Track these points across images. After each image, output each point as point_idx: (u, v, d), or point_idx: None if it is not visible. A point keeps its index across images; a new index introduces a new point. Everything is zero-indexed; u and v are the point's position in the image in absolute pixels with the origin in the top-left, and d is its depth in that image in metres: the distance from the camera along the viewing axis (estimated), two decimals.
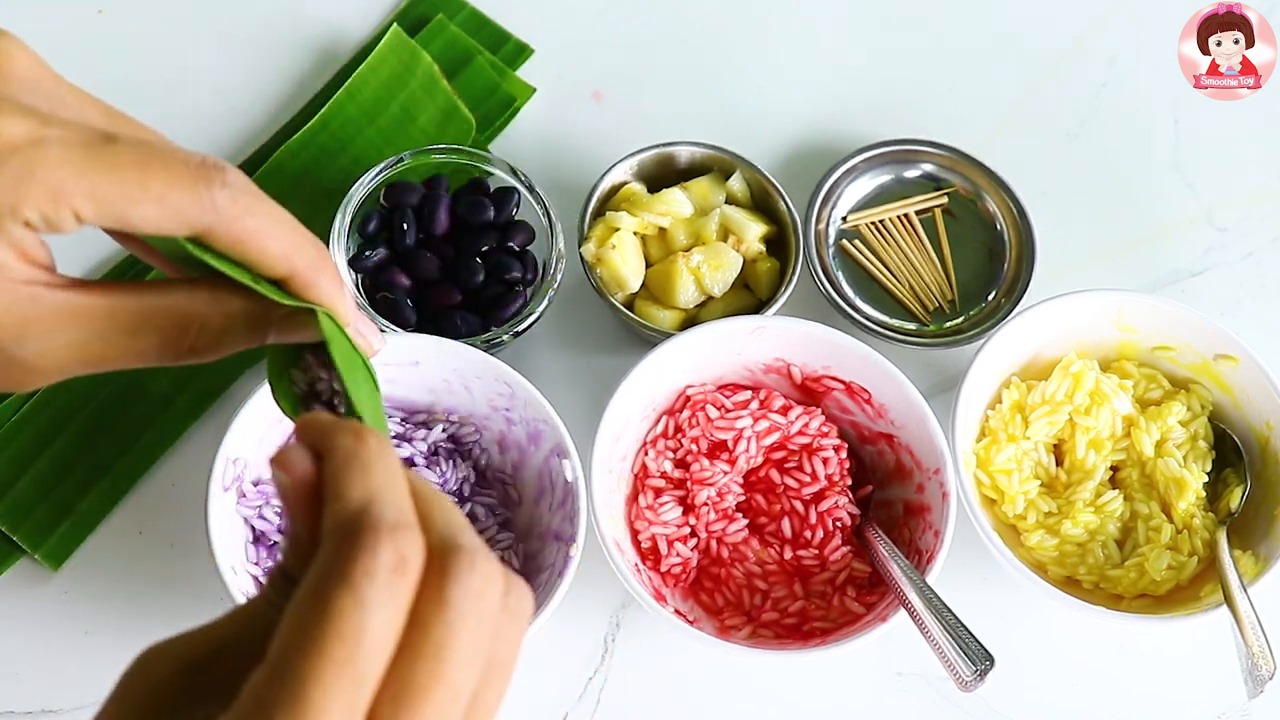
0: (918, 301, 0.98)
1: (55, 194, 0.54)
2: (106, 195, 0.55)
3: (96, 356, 0.56)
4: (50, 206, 0.55)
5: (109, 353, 0.56)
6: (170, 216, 0.56)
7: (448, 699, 0.43)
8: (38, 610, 0.84)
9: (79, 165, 0.55)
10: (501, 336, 0.88)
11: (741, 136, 1.00)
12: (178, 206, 0.56)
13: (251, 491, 0.81)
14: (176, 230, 0.56)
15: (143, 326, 0.57)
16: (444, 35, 1.02)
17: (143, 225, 0.56)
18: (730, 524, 0.87)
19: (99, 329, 0.56)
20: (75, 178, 0.54)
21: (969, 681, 0.77)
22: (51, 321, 0.56)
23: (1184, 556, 0.88)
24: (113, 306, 0.57)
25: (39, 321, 0.55)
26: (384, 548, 0.42)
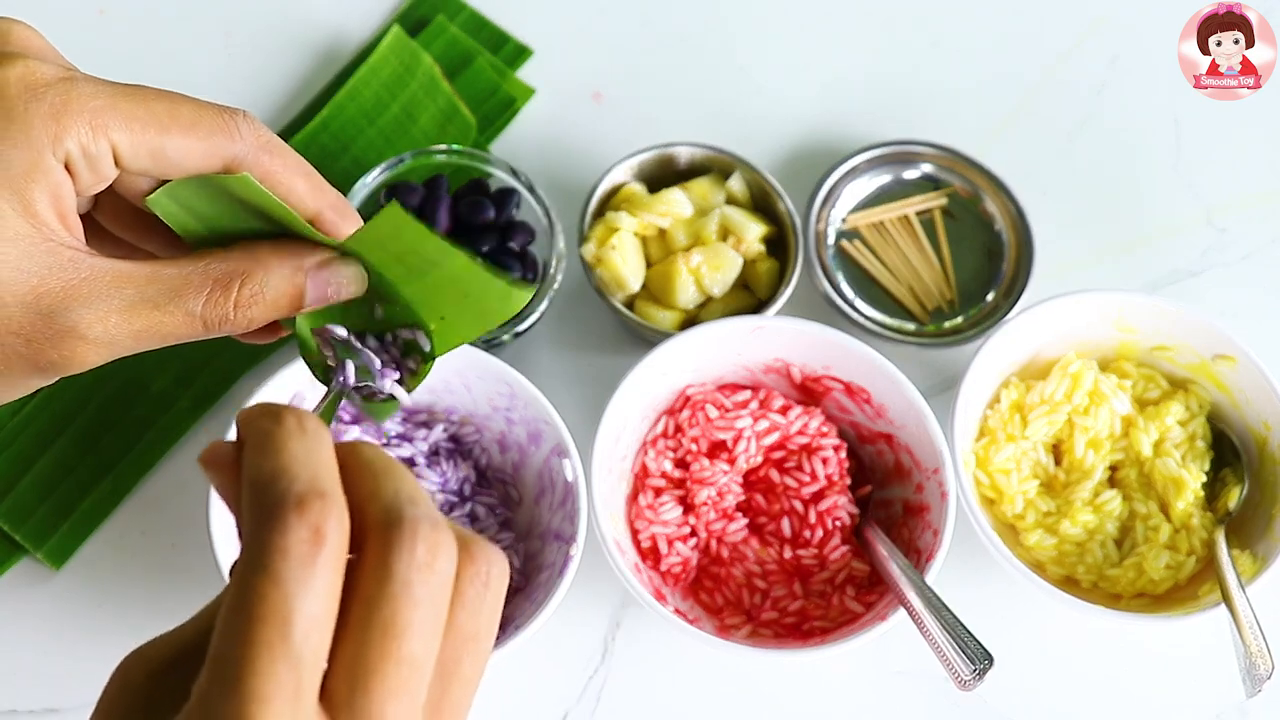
0: (917, 301, 0.98)
1: (92, 122, 0.56)
2: (141, 122, 0.57)
3: (144, 323, 0.57)
4: (88, 136, 0.56)
5: (156, 318, 0.57)
6: (201, 145, 0.58)
7: (407, 673, 0.42)
8: (39, 610, 0.84)
9: (111, 96, 0.57)
10: (501, 337, 0.88)
11: (741, 137, 1.00)
12: (208, 132, 0.58)
13: None
14: (208, 161, 0.59)
15: (186, 285, 0.57)
16: (444, 36, 1.02)
17: (176, 156, 0.58)
18: (730, 524, 0.87)
19: (144, 292, 0.57)
20: (109, 108, 0.56)
21: (968, 681, 0.77)
22: (96, 285, 0.56)
23: (1182, 556, 0.88)
24: (155, 270, 0.58)
25: (83, 285, 0.56)
26: (293, 522, 0.41)
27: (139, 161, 0.58)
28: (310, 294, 0.60)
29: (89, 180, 0.58)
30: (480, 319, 0.62)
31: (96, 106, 0.56)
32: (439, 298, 0.61)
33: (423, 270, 0.60)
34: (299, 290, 0.59)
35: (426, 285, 0.61)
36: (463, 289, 0.60)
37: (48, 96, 0.56)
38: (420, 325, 0.63)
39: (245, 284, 0.58)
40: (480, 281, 0.60)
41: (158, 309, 0.57)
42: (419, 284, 0.61)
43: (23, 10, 1.03)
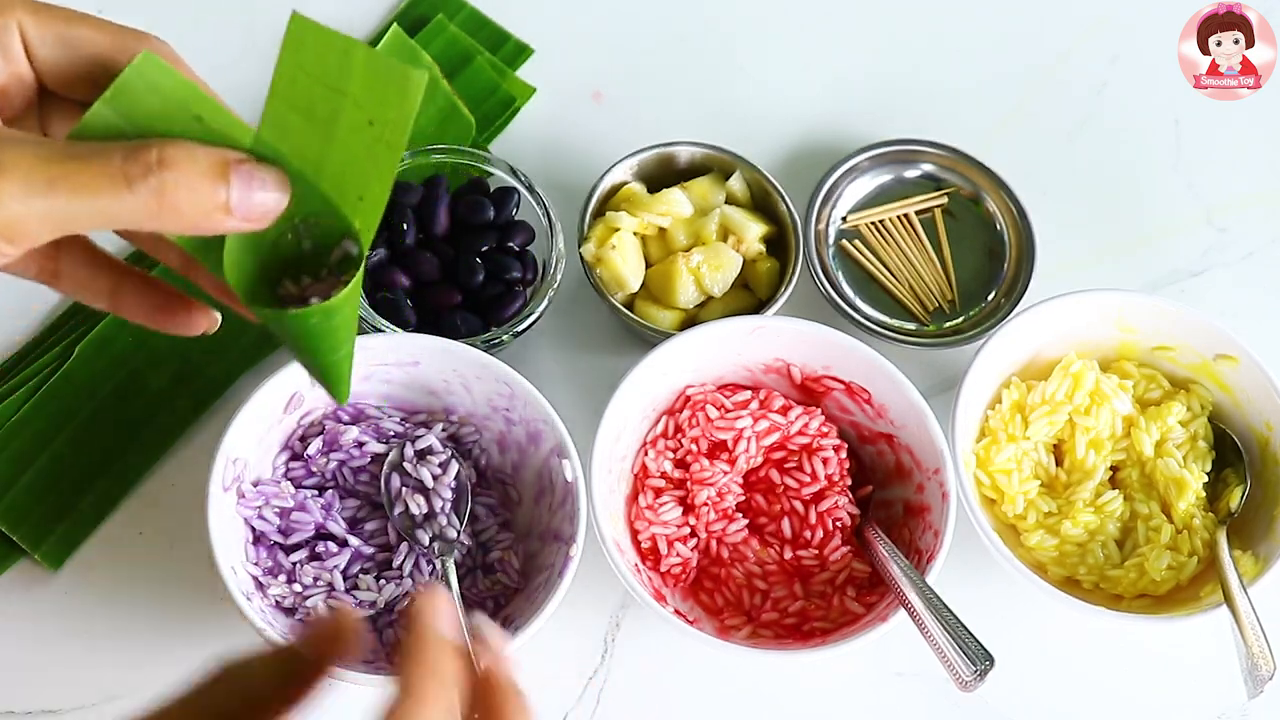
0: (917, 301, 0.98)
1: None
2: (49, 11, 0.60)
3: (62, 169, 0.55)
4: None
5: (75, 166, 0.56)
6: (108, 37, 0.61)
7: None
8: (37, 610, 0.84)
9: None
10: (501, 337, 0.88)
11: (741, 136, 1.00)
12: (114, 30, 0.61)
13: (251, 492, 0.81)
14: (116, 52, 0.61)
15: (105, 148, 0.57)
16: (444, 35, 1.02)
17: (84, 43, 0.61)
18: (730, 524, 0.87)
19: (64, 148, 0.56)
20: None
21: (968, 681, 0.77)
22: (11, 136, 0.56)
23: (1184, 556, 0.88)
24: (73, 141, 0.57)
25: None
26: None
27: (47, 46, 0.60)
28: (236, 192, 0.58)
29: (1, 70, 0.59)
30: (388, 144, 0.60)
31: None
32: (352, 157, 0.61)
33: (331, 118, 0.60)
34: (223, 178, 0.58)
35: (338, 146, 0.61)
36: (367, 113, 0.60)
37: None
38: (348, 230, 0.62)
39: (165, 145, 0.57)
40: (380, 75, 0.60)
41: (75, 158, 0.56)
42: (332, 153, 0.61)
43: None
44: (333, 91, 0.61)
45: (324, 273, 0.64)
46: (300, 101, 0.61)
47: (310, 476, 0.84)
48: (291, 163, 0.61)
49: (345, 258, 0.63)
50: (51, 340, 0.90)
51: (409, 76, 0.60)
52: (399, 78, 0.60)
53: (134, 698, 0.81)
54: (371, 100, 0.60)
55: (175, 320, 0.65)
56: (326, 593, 0.81)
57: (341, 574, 0.81)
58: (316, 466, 0.84)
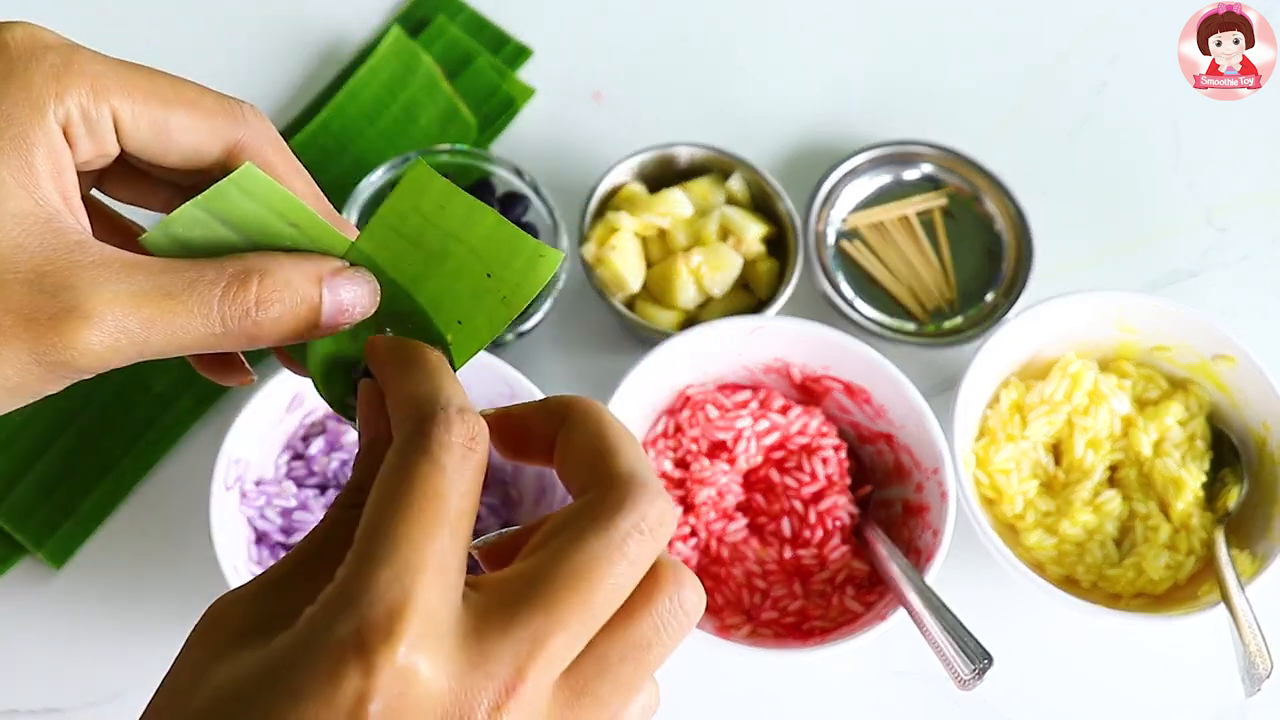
0: (917, 302, 0.98)
1: (94, 85, 0.55)
2: (144, 92, 0.56)
3: (155, 311, 0.53)
4: (89, 99, 0.54)
5: (169, 306, 0.53)
6: (205, 123, 0.57)
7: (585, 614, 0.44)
8: (40, 609, 0.84)
9: (116, 66, 0.56)
10: (505, 336, 0.88)
11: (741, 137, 1.00)
12: (212, 112, 0.57)
13: (253, 491, 0.82)
14: (211, 141, 0.57)
15: (201, 278, 0.54)
16: (444, 37, 1.02)
17: (179, 132, 0.56)
18: (730, 524, 0.87)
19: (157, 280, 0.53)
20: (112, 74, 0.55)
21: (967, 680, 0.77)
22: (104, 269, 0.53)
23: (1182, 556, 0.88)
24: (169, 263, 0.54)
25: (90, 267, 0.53)
26: (456, 424, 0.46)
27: (140, 134, 0.56)
28: (327, 304, 0.57)
29: (88, 150, 0.56)
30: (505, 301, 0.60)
31: (99, 71, 0.55)
32: (457, 292, 0.60)
33: (441, 254, 0.59)
34: (317, 298, 0.57)
35: (444, 277, 0.60)
36: (486, 266, 0.59)
37: (49, 57, 0.54)
38: (437, 339, 0.61)
39: (265, 279, 0.55)
40: (510, 244, 0.58)
41: (171, 297, 0.53)
42: (434, 279, 0.60)
43: (22, 9, 1.03)
44: (447, 235, 0.59)
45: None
46: (408, 231, 0.59)
47: (312, 476, 0.84)
48: (386, 272, 0.60)
49: None
50: None
51: (542, 254, 0.58)
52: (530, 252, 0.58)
53: (137, 695, 0.81)
54: (494, 258, 0.59)
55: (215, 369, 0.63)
56: None
57: None
58: (319, 466, 0.84)
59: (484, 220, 0.58)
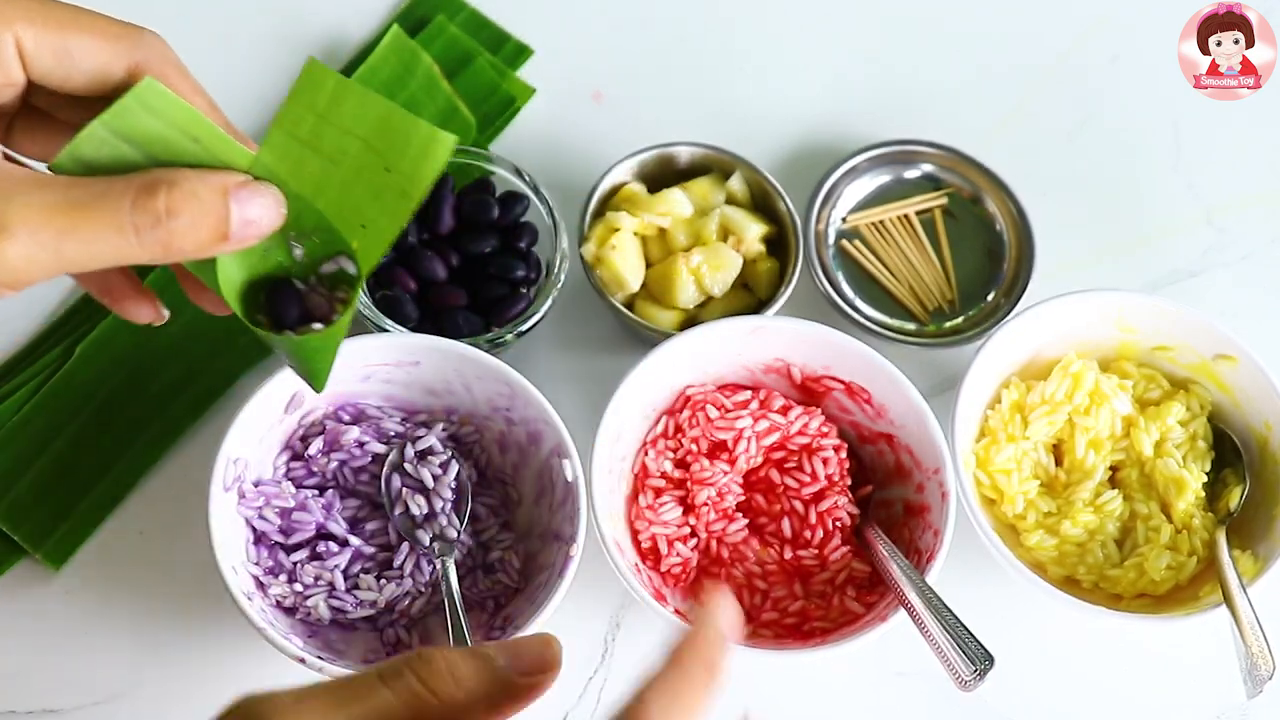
0: (917, 301, 0.98)
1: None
2: (43, 18, 0.58)
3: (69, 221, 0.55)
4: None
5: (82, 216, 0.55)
6: (107, 45, 0.59)
7: None
8: (39, 610, 0.84)
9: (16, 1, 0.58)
10: (505, 336, 0.88)
11: (741, 136, 1.00)
12: (113, 36, 0.60)
13: (252, 492, 0.81)
14: (112, 63, 0.59)
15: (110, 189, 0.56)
16: (444, 36, 1.02)
17: (80, 55, 0.59)
18: (730, 524, 0.87)
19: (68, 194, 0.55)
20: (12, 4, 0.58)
21: (968, 681, 0.77)
22: (16, 183, 0.55)
23: (1183, 556, 0.88)
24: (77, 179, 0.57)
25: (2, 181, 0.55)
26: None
27: (43, 59, 0.58)
28: (235, 218, 0.58)
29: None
30: (405, 194, 0.61)
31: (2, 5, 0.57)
32: (358, 194, 0.61)
33: (339, 154, 0.60)
34: (225, 211, 0.58)
35: (344, 181, 0.61)
36: (383, 159, 0.61)
37: None
38: (344, 249, 0.63)
39: (172, 188, 0.57)
40: (403, 131, 0.60)
41: (82, 206, 0.55)
42: (335, 184, 0.61)
43: None
44: (343, 132, 0.61)
45: (312, 279, 0.64)
46: (305, 135, 0.61)
47: (311, 476, 0.84)
48: (289, 183, 0.61)
49: (338, 274, 0.64)
50: (52, 340, 0.90)
51: (435, 138, 0.60)
52: (424, 137, 0.61)
53: (136, 697, 0.81)
54: (390, 149, 0.61)
55: (124, 305, 0.65)
56: (327, 592, 0.81)
57: (342, 574, 0.81)
58: (317, 466, 0.84)
59: (376, 108, 0.60)
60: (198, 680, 0.82)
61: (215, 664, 0.82)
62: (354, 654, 0.80)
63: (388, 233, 0.62)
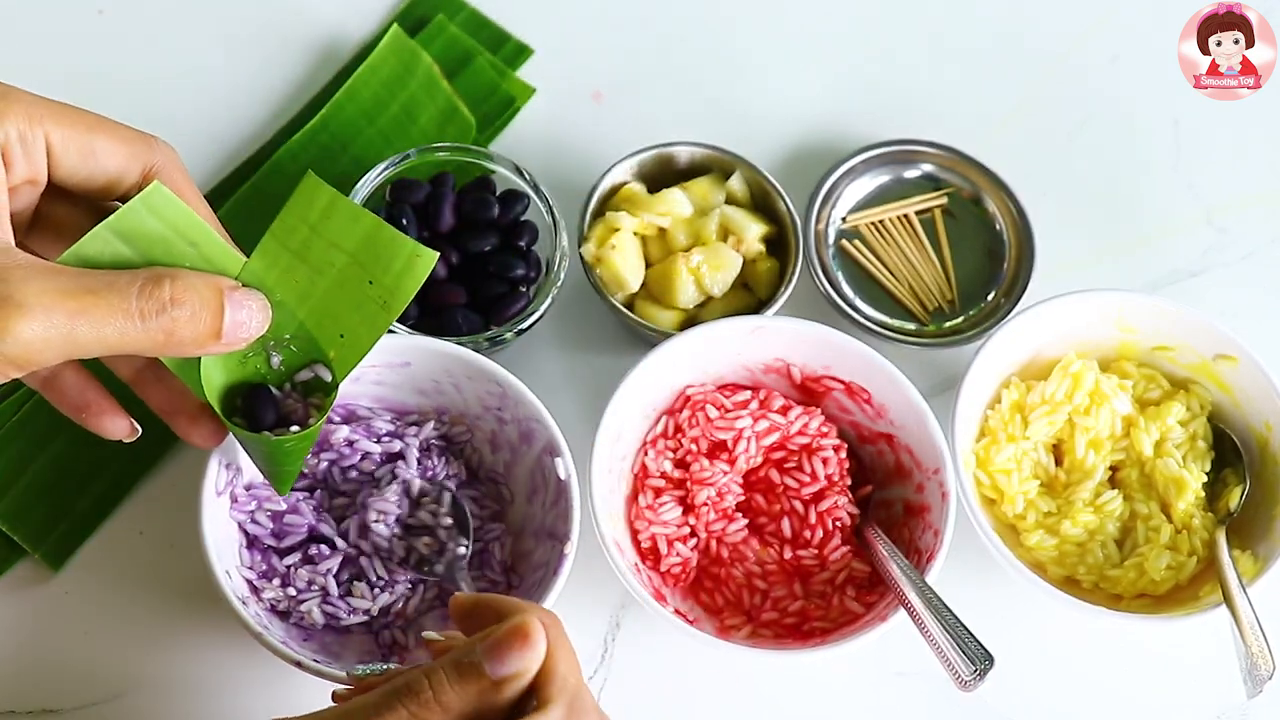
0: (917, 301, 0.98)
1: (29, 113, 0.62)
2: (72, 120, 0.64)
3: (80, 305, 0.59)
4: (25, 124, 0.62)
5: (92, 300, 0.59)
6: (125, 148, 0.65)
7: None
8: (38, 610, 0.84)
9: (46, 99, 0.64)
10: (504, 335, 0.88)
11: (741, 136, 1.00)
12: (131, 139, 0.65)
13: (244, 496, 0.81)
14: (130, 163, 0.65)
15: (118, 279, 0.61)
16: (444, 36, 1.02)
17: (103, 155, 0.64)
18: (730, 524, 0.87)
19: (79, 281, 0.60)
20: (44, 104, 0.63)
21: (968, 681, 0.77)
22: (31, 269, 0.59)
23: (1183, 556, 0.88)
24: (87, 270, 0.61)
25: (18, 268, 0.59)
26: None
27: (69, 158, 0.63)
28: (228, 318, 0.63)
29: (21, 171, 0.62)
30: (385, 306, 0.68)
31: (33, 101, 0.62)
32: (340, 305, 0.67)
33: (325, 266, 0.65)
34: (220, 308, 0.63)
35: (327, 291, 0.66)
36: (367, 273, 0.66)
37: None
38: (321, 358, 0.68)
39: (175, 280, 0.62)
40: (388, 246, 0.65)
41: (93, 293, 0.59)
42: (318, 295, 0.66)
43: (23, 10, 1.03)
44: (331, 245, 0.66)
45: (287, 386, 0.70)
46: (295, 245, 0.66)
47: (302, 478, 0.84)
48: (274, 291, 0.66)
49: (314, 381, 0.69)
50: None
51: (419, 255, 0.65)
52: (407, 253, 0.65)
53: (135, 697, 0.81)
54: (374, 264, 0.66)
55: (100, 421, 0.71)
56: (321, 598, 0.80)
57: (335, 578, 0.81)
58: (308, 467, 0.84)
59: (363, 223, 0.67)
60: (197, 680, 0.82)
61: (215, 664, 0.82)
62: (350, 656, 0.80)
63: (365, 342, 0.69)
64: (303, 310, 0.67)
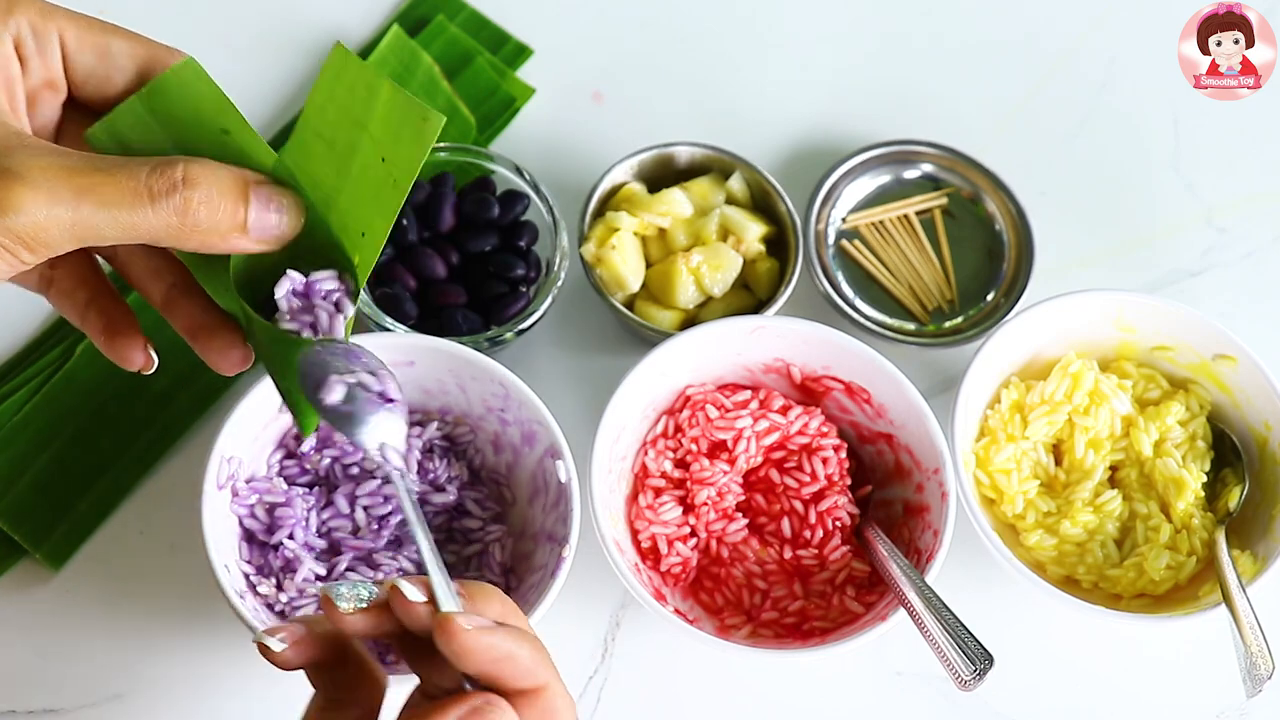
0: (917, 301, 0.98)
1: (42, 10, 0.60)
2: (86, 21, 0.61)
3: (87, 181, 0.56)
4: (38, 18, 0.60)
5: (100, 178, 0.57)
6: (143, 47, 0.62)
7: None
8: (38, 610, 0.84)
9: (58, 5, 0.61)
10: (504, 335, 0.88)
11: (741, 136, 1.00)
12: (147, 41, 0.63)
13: (244, 490, 0.81)
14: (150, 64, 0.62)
15: (130, 161, 0.58)
16: (444, 36, 1.02)
17: (119, 53, 0.62)
18: (730, 524, 0.87)
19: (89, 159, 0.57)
20: (57, 7, 0.61)
21: (968, 681, 0.77)
22: (39, 147, 0.57)
23: (1183, 556, 0.88)
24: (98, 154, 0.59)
25: (27, 143, 0.57)
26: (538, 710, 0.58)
27: (85, 57, 0.61)
28: (254, 213, 0.59)
29: (38, 72, 0.60)
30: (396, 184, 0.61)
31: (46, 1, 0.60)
32: (361, 194, 0.62)
33: (351, 150, 0.61)
34: (244, 198, 0.59)
35: (351, 182, 0.61)
36: (381, 149, 0.61)
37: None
38: (347, 264, 0.63)
39: (190, 163, 0.58)
40: (400, 111, 0.60)
41: (102, 171, 0.57)
42: (345, 189, 0.61)
43: None
44: (355, 124, 0.61)
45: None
46: (326, 131, 0.62)
47: (304, 474, 0.84)
48: (306, 191, 0.62)
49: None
50: (53, 340, 0.90)
51: (427, 118, 0.60)
52: (417, 117, 0.60)
53: (135, 697, 0.81)
54: (387, 137, 0.61)
55: (117, 347, 0.66)
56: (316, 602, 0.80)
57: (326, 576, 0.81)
58: (310, 464, 0.84)
59: (381, 92, 0.60)
60: (197, 680, 0.82)
61: (215, 664, 0.82)
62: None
63: (380, 236, 0.63)
64: (331, 212, 0.62)
